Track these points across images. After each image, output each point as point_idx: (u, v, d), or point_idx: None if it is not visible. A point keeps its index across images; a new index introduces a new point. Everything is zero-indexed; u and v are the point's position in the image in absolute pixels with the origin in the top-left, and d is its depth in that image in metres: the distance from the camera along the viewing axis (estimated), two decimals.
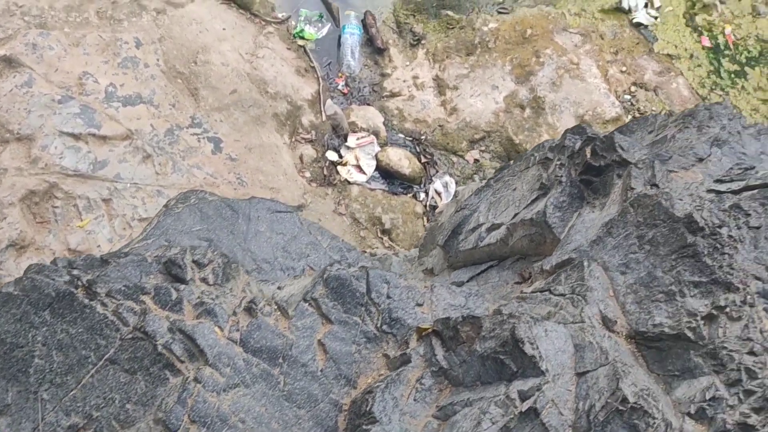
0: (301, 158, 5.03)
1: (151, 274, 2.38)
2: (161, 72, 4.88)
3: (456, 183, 5.24)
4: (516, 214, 2.89)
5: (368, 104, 5.46)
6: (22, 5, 4.86)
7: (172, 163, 4.57)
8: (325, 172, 5.06)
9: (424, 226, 4.99)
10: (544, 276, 2.58)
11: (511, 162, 3.39)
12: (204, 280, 2.41)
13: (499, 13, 5.91)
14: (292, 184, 4.89)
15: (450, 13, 5.85)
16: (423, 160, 5.33)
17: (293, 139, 5.10)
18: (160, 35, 5.03)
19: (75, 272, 2.36)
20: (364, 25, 5.69)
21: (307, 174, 5.01)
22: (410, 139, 5.40)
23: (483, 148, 5.40)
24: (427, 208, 5.18)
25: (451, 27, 5.80)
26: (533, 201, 2.87)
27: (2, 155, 4.30)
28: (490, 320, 2.21)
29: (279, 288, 2.50)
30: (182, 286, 2.36)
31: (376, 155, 5.18)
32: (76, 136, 4.44)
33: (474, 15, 5.86)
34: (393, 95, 5.51)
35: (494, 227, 2.96)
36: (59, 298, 2.31)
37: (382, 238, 4.91)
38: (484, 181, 3.61)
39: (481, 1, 5.98)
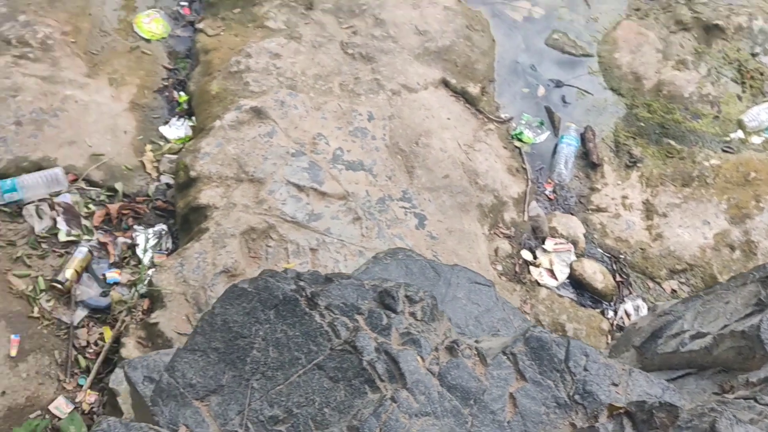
0: (496, 251, 5.15)
1: (367, 299, 2.56)
2: (385, 146, 5.24)
3: (648, 309, 5.14)
4: (726, 326, 2.83)
5: (572, 213, 5.53)
6: (280, 67, 5.45)
7: (378, 229, 4.84)
8: (517, 269, 5.14)
9: (607, 343, 4.90)
10: (748, 388, 2.50)
11: (722, 280, 3.33)
12: (413, 314, 2.56)
13: (724, 151, 5.86)
14: (484, 274, 4.99)
15: (672, 142, 5.88)
16: (618, 278, 5.29)
17: (492, 232, 5.25)
18: (391, 113, 5.42)
19: (301, 283, 2.59)
20: (583, 139, 5.84)
21: (499, 267, 5.11)
22: (608, 255, 5.39)
23: (683, 280, 5.28)
24: (614, 327, 5.10)
25: (670, 156, 5.81)
26: (747, 315, 2.80)
27: (235, 192, 4.76)
28: (688, 412, 2.17)
29: (476, 341, 2.60)
30: (393, 315, 2.52)
31: (570, 264, 5.22)
32: (300, 188, 4.83)
33: (697, 149, 5.84)
34: (599, 210, 5.55)
35: (699, 335, 2.91)
36: (285, 301, 2.54)
37: None
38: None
39: (707, 136, 5.97)
